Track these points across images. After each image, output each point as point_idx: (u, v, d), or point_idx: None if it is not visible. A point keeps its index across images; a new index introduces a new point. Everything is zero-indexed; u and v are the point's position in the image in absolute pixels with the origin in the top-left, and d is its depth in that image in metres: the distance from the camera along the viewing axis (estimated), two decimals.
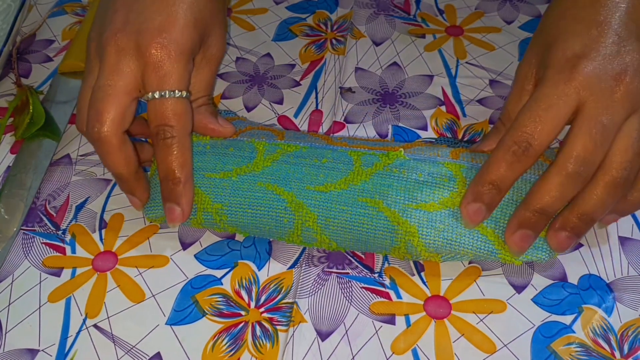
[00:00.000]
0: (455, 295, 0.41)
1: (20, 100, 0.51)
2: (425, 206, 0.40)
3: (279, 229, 0.42)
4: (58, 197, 0.46)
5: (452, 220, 0.40)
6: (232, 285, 0.42)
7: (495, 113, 0.51)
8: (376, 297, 0.41)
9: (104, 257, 0.43)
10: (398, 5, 0.62)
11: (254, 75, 0.55)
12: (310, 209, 0.41)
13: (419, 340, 0.39)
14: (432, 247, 0.40)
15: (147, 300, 0.41)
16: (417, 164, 0.42)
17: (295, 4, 0.63)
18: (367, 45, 0.58)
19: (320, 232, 0.41)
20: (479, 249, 0.40)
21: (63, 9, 0.63)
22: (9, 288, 0.42)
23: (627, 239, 0.44)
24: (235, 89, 0.54)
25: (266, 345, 0.39)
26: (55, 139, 0.50)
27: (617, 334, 0.39)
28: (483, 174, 0.39)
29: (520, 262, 0.40)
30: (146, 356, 0.39)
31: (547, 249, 0.40)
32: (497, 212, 0.40)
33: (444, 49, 0.57)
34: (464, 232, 0.40)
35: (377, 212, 0.40)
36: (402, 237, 0.40)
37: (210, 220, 0.42)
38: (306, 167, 0.42)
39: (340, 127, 0.51)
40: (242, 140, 0.44)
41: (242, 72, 0.55)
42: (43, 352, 0.39)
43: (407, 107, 0.52)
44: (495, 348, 0.39)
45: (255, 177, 0.42)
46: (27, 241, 0.44)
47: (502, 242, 0.40)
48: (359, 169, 0.41)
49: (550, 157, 0.43)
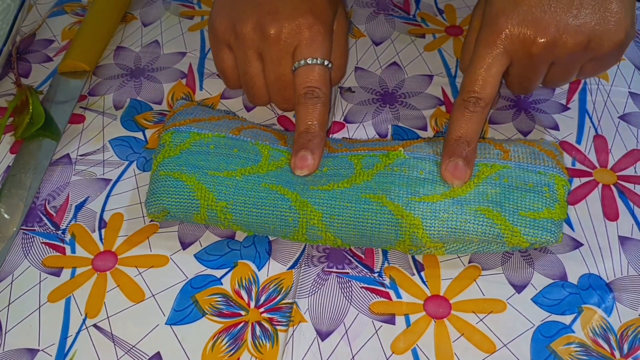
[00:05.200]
0: (455, 295, 0.41)
1: (20, 100, 0.51)
2: (427, 198, 0.40)
3: (284, 228, 0.42)
4: (58, 197, 0.46)
5: (455, 208, 0.40)
6: (231, 285, 0.42)
7: (494, 113, 0.52)
8: (376, 296, 0.41)
9: (104, 256, 0.43)
10: (398, 5, 0.62)
11: None
12: (315, 207, 0.41)
13: (419, 340, 0.39)
14: (436, 237, 0.40)
15: (146, 300, 0.41)
16: (417, 162, 0.42)
17: None
18: (366, 45, 0.58)
19: (325, 229, 0.41)
20: (485, 234, 0.40)
21: (63, 8, 0.63)
22: (9, 288, 0.42)
23: (627, 238, 0.44)
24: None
25: (266, 345, 0.39)
26: (55, 138, 0.50)
27: (616, 333, 0.39)
28: (449, 134, 0.43)
29: (527, 244, 0.40)
30: (146, 356, 0.39)
31: (553, 230, 0.40)
32: (501, 196, 0.40)
33: (444, 48, 0.57)
34: (468, 219, 0.40)
35: (380, 207, 0.40)
36: (406, 229, 0.40)
37: (215, 218, 0.42)
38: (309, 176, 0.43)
39: (340, 127, 0.51)
40: (245, 141, 0.44)
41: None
42: (43, 352, 0.39)
43: (407, 107, 0.52)
44: (495, 348, 0.39)
45: (260, 178, 0.42)
46: (26, 241, 0.44)
47: (509, 224, 0.40)
48: (360, 172, 0.42)
49: (546, 147, 0.43)
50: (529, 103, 0.52)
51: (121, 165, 0.48)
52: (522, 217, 0.40)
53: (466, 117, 0.42)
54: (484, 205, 0.40)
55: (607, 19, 0.42)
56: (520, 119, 0.51)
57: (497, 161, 0.42)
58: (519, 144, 0.44)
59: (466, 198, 0.41)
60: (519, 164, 0.42)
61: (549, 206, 0.40)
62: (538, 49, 0.42)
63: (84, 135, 0.51)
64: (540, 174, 0.41)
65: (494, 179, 0.41)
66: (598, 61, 0.45)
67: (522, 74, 0.45)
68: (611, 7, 0.42)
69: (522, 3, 0.42)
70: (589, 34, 0.42)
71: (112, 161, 0.49)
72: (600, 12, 0.42)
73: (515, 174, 0.42)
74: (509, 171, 0.42)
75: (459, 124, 0.43)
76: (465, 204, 0.40)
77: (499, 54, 0.43)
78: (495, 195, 0.41)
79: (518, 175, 0.41)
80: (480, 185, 0.41)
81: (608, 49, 0.43)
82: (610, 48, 0.43)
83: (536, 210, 0.40)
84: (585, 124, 0.51)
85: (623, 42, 0.43)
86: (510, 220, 0.40)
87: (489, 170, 0.42)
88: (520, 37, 0.42)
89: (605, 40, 0.42)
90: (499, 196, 0.40)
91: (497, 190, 0.41)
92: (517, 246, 0.40)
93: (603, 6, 0.42)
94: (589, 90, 0.53)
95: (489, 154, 0.43)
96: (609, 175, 0.47)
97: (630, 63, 0.56)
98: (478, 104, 0.42)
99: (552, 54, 0.43)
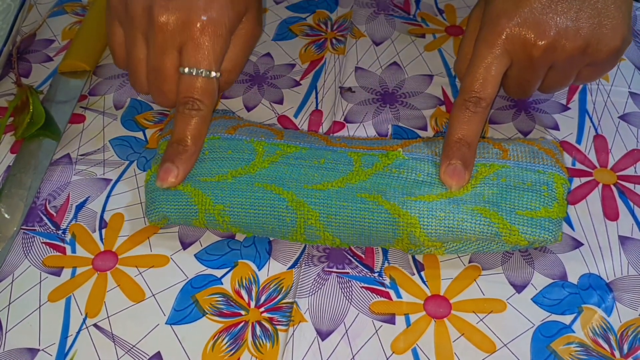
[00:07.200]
0: (455, 294, 0.41)
1: (20, 100, 0.51)
2: (424, 198, 0.40)
3: (282, 228, 0.42)
4: (58, 197, 0.46)
5: (452, 207, 0.40)
6: (232, 285, 0.42)
7: (494, 113, 0.52)
8: (376, 296, 0.41)
9: (104, 256, 0.43)
10: (398, 5, 0.62)
11: (254, 75, 0.55)
12: (312, 207, 0.41)
13: (419, 339, 0.39)
14: (434, 236, 0.40)
15: (147, 299, 0.41)
16: (416, 163, 0.42)
17: (295, 3, 0.63)
18: (367, 45, 0.58)
19: (323, 229, 0.41)
20: (483, 233, 0.40)
21: (63, 8, 0.63)
22: (9, 288, 0.42)
23: (627, 238, 0.44)
24: (235, 88, 0.54)
25: (266, 344, 0.39)
26: (55, 138, 0.50)
27: (616, 333, 0.39)
28: (449, 135, 0.43)
29: (525, 243, 0.40)
30: (146, 356, 0.39)
31: (552, 229, 0.40)
32: (498, 196, 0.40)
33: (444, 48, 0.57)
34: (465, 218, 0.40)
35: (377, 206, 0.40)
36: (403, 228, 0.40)
37: (213, 222, 0.42)
38: (304, 168, 0.42)
39: (340, 127, 0.51)
40: (241, 140, 0.44)
41: (242, 72, 0.55)
42: (43, 352, 0.39)
43: (407, 107, 0.52)
44: (495, 348, 0.39)
45: (251, 178, 0.42)
46: (27, 241, 0.44)
47: (506, 223, 0.40)
48: (358, 170, 0.42)
49: (545, 146, 0.43)
50: (529, 103, 0.52)
51: (121, 165, 0.48)
52: (520, 216, 0.40)
53: (467, 118, 0.42)
54: (480, 205, 0.40)
55: (605, 24, 0.42)
56: (520, 119, 0.51)
57: (495, 160, 0.42)
58: (518, 143, 0.44)
59: (462, 199, 0.41)
60: (517, 162, 0.42)
61: (547, 205, 0.40)
62: (538, 52, 0.42)
63: (84, 135, 0.51)
64: (539, 172, 0.41)
65: (492, 179, 0.41)
66: (595, 66, 0.45)
67: (521, 76, 0.45)
68: (608, 13, 0.42)
69: (523, 4, 0.42)
70: (587, 38, 0.42)
71: (112, 161, 0.49)
72: (598, 17, 0.42)
73: (513, 173, 0.42)
74: (508, 170, 0.42)
75: (460, 124, 0.42)
76: (461, 204, 0.40)
77: (500, 54, 0.43)
78: (493, 196, 0.40)
79: (516, 174, 0.41)
80: (478, 186, 0.41)
81: (605, 54, 0.43)
82: (607, 53, 0.43)
83: (534, 209, 0.40)
84: (585, 124, 0.51)
85: (619, 47, 0.43)
86: (507, 219, 0.40)
87: (487, 170, 0.42)
88: (521, 39, 0.42)
89: (603, 45, 0.42)
90: (496, 196, 0.40)
91: (494, 190, 0.41)
92: (516, 245, 0.40)
93: (601, 11, 0.42)
94: (589, 90, 0.53)
95: (488, 153, 0.43)
96: (609, 175, 0.47)
97: (630, 63, 0.56)
98: (479, 104, 0.42)
99: (551, 57, 0.43)
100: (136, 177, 0.48)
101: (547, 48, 0.42)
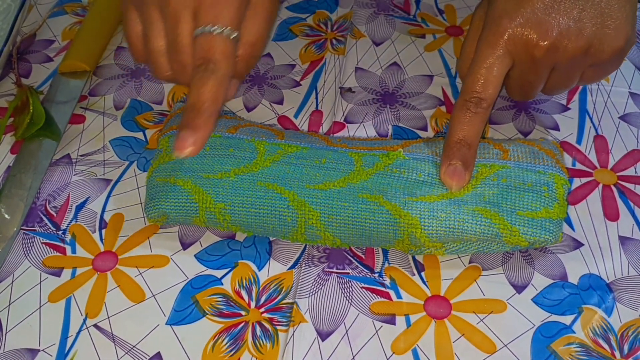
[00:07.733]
0: (455, 295, 0.41)
1: (21, 100, 0.51)
2: (425, 198, 0.40)
3: (283, 228, 0.42)
4: (58, 197, 0.46)
5: (453, 208, 0.40)
6: (232, 286, 0.42)
7: (494, 113, 0.52)
8: (376, 297, 0.41)
9: (104, 257, 0.43)
10: (398, 5, 0.62)
11: (254, 76, 0.55)
12: (313, 207, 0.41)
13: (419, 340, 0.39)
14: (435, 237, 0.40)
15: (147, 300, 0.41)
16: (417, 163, 0.42)
17: (295, 4, 0.63)
18: (367, 45, 0.58)
19: (324, 229, 0.41)
20: (483, 233, 0.40)
21: (63, 9, 0.63)
22: (9, 288, 0.42)
23: (627, 238, 0.44)
24: None
25: (266, 345, 0.39)
26: (55, 139, 0.50)
27: (617, 334, 0.39)
28: (450, 136, 0.42)
29: (526, 243, 0.40)
30: (146, 356, 0.39)
31: (552, 230, 0.40)
32: (498, 197, 0.40)
33: (444, 49, 0.57)
34: (466, 219, 0.40)
35: (378, 207, 0.40)
36: (404, 229, 0.40)
37: (214, 220, 0.42)
38: (306, 167, 0.42)
39: (340, 127, 0.51)
40: (242, 139, 0.44)
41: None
42: (43, 352, 0.39)
43: (407, 107, 0.52)
44: (496, 348, 0.39)
45: (253, 177, 0.42)
46: (27, 241, 0.44)
47: (507, 223, 0.40)
48: (359, 169, 0.42)
49: (545, 147, 0.43)
50: (529, 103, 0.52)
51: (122, 166, 0.48)
52: (520, 217, 0.40)
53: (467, 118, 0.42)
54: (481, 205, 0.40)
55: (608, 24, 0.42)
56: (520, 119, 0.51)
57: (496, 161, 0.42)
58: (519, 143, 0.44)
59: (463, 199, 0.41)
60: (518, 163, 0.42)
61: (548, 205, 0.40)
62: (540, 52, 0.42)
63: (84, 135, 0.51)
64: (540, 173, 0.41)
65: (492, 179, 0.41)
66: (598, 67, 0.44)
67: (523, 77, 0.45)
68: (612, 13, 0.42)
69: (525, 5, 0.42)
70: (589, 39, 0.42)
71: (112, 161, 0.49)
72: (601, 18, 0.42)
73: (514, 173, 0.42)
74: (508, 171, 0.42)
75: (460, 125, 0.42)
76: (462, 204, 0.40)
77: (502, 55, 0.42)
78: (493, 197, 0.41)
79: (517, 174, 0.41)
80: (478, 187, 0.41)
81: (608, 54, 0.43)
82: (610, 54, 0.43)
83: (534, 210, 0.40)
84: (585, 124, 0.51)
85: (623, 48, 0.43)
86: (508, 220, 0.40)
87: (487, 171, 0.42)
88: (523, 39, 0.42)
89: (606, 46, 0.42)
90: (496, 197, 0.40)
91: (494, 191, 0.41)
92: (517, 245, 0.40)
93: (604, 12, 0.42)
94: (589, 91, 0.53)
95: (488, 153, 0.43)
96: (610, 175, 0.47)
97: (631, 63, 0.56)
98: (480, 105, 0.42)
99: (554, 58, 0.43)
100: (136, 177, 0.48)
101: (549, 48, 0.42)
